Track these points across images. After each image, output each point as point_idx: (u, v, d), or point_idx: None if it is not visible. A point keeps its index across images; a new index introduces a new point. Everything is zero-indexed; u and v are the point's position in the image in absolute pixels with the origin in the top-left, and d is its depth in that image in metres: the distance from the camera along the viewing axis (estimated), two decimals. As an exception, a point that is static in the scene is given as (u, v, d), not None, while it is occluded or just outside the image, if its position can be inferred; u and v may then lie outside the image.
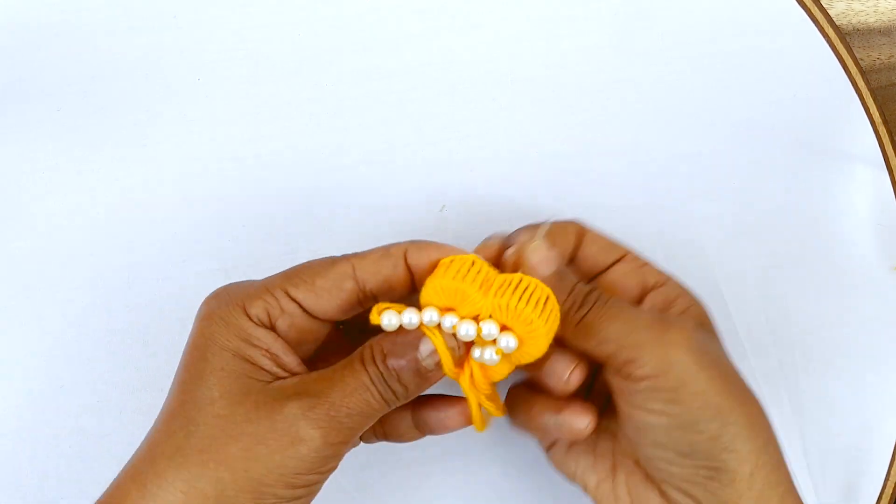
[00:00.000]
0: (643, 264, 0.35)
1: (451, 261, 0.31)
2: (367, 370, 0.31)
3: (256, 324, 0.31)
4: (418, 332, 0.31)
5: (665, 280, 0.35)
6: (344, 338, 0.35)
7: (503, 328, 0.31)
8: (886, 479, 0.43)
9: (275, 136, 0.41)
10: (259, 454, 0.29)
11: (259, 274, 0.40)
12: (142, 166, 0.41)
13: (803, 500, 0.33)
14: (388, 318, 0.31)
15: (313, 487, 0.31)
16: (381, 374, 0.31)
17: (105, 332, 0.41)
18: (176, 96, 0.41)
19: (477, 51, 0.42)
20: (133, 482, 0.30)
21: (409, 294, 0.33)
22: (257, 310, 0.31)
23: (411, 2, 0.41)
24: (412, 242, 0.32)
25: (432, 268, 0.32)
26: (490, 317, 0.31)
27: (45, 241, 0.40)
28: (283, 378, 0.31)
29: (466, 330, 0.31)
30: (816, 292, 0.43)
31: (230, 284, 0.33)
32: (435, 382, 0.32)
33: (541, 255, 0.33)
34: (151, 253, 0.41)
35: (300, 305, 0.32)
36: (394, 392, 0.31)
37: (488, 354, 0.32)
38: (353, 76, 0.41)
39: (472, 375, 0.32)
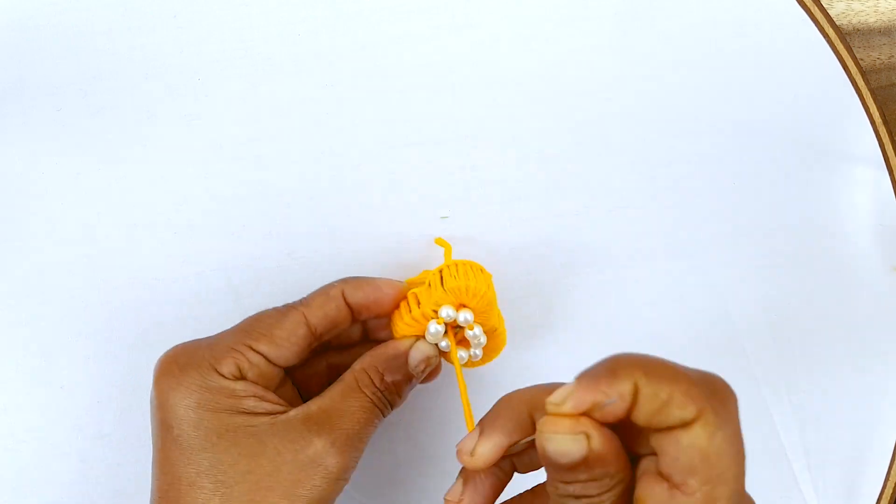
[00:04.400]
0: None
1: (475, 270, 0.37)
2: (366, 393, 0.34)
3: (231, 379, 0.33)
4: (404, 347, 0.36)
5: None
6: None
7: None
8: (886, 480, 0.43)
9: (275, 137, 0.41)
10: (299, 496, 0.32)
11: (258, 274, 0.40)
12: (142, 166, 0.41)
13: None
14: (434, 327, 0.37)
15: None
16: (380, 391, 0.34)
17: (103, 333, 0.41)
18: (176, 96, 0.41)
19: (477, 51, 0.42)
20: None
21: (350, 326, 0.37)
22: (229, 367, 0.33)
23: (411, 2, 0.41)
24: (345, 281, 0.36)
25: (369, 300, 0.36)
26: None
27: (44, 241, 0.40)
28: (278, 413, 0.33)
29: (465, 317, 0.37)
30: (816, 292, 0.43)
31: (179, 352, 0.34)
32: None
33: (558, 449, 0.26)
34: (151, 253, 0.41)
35: (264, 357, 0.34)
36: (391, 403, 0.35)
37: (473, 337, 0.37)
38: (353, 76, 0.41)
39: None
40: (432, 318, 0.36)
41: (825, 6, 0.43)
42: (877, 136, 0.43)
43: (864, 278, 0.43)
